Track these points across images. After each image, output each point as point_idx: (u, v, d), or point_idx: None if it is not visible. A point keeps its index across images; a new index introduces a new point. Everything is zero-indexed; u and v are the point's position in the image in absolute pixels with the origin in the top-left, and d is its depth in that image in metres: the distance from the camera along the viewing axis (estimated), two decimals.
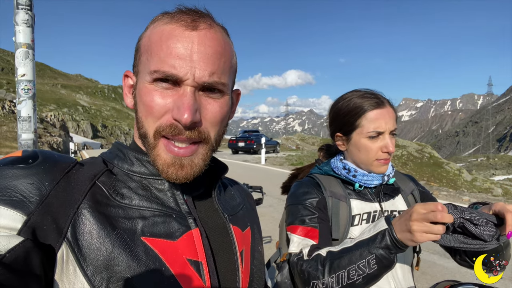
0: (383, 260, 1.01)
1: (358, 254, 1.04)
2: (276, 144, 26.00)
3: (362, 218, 1.26)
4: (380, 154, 1.22)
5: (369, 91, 1.28)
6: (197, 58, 0.62)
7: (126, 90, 0.72)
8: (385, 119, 1.21)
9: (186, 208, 0.69)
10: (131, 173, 0.69)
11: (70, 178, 0.61)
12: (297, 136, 40.49)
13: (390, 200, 1.32)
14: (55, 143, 21.04)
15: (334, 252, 1.10)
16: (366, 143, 1.22)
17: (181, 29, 0.63)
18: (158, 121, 0.64)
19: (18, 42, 2.56)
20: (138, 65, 0.68)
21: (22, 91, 2.59)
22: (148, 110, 0.64)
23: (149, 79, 0.64)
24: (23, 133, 2.57)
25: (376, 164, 1.23)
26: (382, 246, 1.01)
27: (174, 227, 0.65)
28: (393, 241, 1.00)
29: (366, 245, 1.04)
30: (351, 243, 1.09)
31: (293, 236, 1.23)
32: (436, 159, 25.49)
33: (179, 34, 0.63)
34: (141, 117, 0.67)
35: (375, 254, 1.02)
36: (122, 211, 0.63)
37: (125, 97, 0.72)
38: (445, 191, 11.06)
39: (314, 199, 1.26)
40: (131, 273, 0.58)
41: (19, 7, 2.51)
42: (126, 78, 0.72)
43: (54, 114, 29.30)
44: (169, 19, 0.65)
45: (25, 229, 0.53)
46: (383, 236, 1.02)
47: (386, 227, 1.03)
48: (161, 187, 0.69)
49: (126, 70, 0.72)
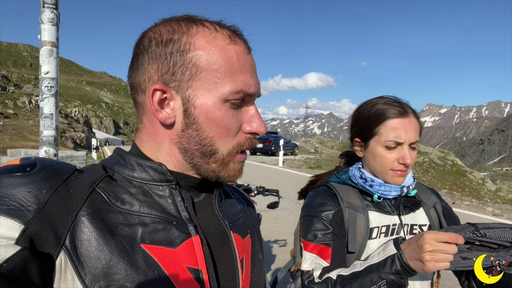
0: (393, 285, 0.99)
1: (369, 280, 1.02)
2: (295, 146, 25.91)
3: (380, 231, 1.22)
4: (396, 165, 1.16)
5: (395, 99, 1.23)
6: (255, 75, 0.71)
7: (157, 105, 0.67)
8: (406, 130, 1.15)
9: (186, 215, 0.68)
10: (132, 179, 0.68)
11: (68, 186, 0.60)
12: (316, 139, 40.27)
13: (411, 213, 1.27)
14: (78, 138, 21.59)
15: (345, 276, 1.08)
16: (382, 152, 1.17)
17: (245, 51, 0.70)
18: (234, 140, 0.69)
19: (43, 40, 2.61)
20: (192, 81, 0.66)
21: (45, 88, 2.63)
22: (225, 131, 0.68)
23: (224, 99, 0.66)
24: (44, 130, 2.62)
25: (391, 174, 1.18)
26: (392, 272, 0.99)
27: (174, 234, 0.65)
28: (403, 266, 0.98)
29: (376, 270, 1.02)
30: (361, 267, 1.06)
31: (305, 253, 1.20)
32: (459, 167, 24.87)
33: (245, 56, 0.69)
34: (212, 137, 0.68)
35: (385, 280, 1.00)
36: (122, 217, 0.62)
37: (158, 112, 0.67)
38: (467, 201, 10.74)
39: (330, 212, 1.22)
40: (130, 282, 0.58)
41: (45, 6, 2.56)
42: (156, 92, 0.67)
43: (78, 110, 30.11)
44: (229, 40, 0.68)
45: (23, 238, 0.52)
46: (393, 261, 1.00)
47: (395, 252, 1.01)
48: (161, 193, 0.68)
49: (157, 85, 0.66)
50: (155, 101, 0.67)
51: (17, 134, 18.45)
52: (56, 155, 2.60)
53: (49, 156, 2.53)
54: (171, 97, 0.67)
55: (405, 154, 1.14)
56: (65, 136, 20.52)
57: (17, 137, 18.05)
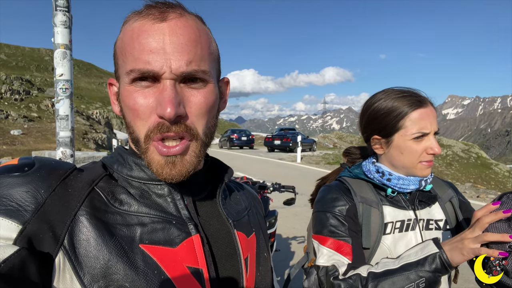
0: (432, 283, 0.99)
1: (405, 277, 1.00)
2: (313, 142, 25.73)
3: (395, 227, 1.18)
4: (425, 156, 1.14)
5: (407, 90, 1.20)
6: (171, 49, 0.60)
7: (113, 98, 0.71)
8: (430, 119, 1.14)
9: (186, 213, 0.67)
10: (130, 179, 0.68)
11: (67, 185, 0.60)
12: (334, 134, 39.88)
13: (426, 208, 1.23)
14: (100, 139, 22.07)
15: (377, 273, 1.05)
16: (411, 145, 1.14)
17: (150, 23, 0.61)
18: (146, 124, 0.62)
19: (56, 43, 2.66)
20: (118, 69, 0.67)
21: (60, 90, 2.69)
22: (134, 113, 0.62)
23: (128, 81, 0.62)
24: (61, 131, 2.67)
25: (420, 167, 1.16)
26: (432, 270, 0.99)
27: (174, 234, 0.64)
28: (443, 265, 0.98)
29: (415, 268, 1.01)
30: (396, 265, 1.04)
31: (322, 248, 1.17)
32: (484, 160, 24.20)
33: (149, 28, 0.60)
34: (130, 122, 0.64)
35: (425, 277, 0.99)
36: (121, 217, 0.62)
37: (113, 105, 0.71)
38: (493, 194, 10.42)
39: (344, 207, 1.19)
40: (129, 282, 0.57)
41: (57, 9, 2.61)
42: (111, 86, 0.71)
43: (99, 112, 30.80)
44: (137, 15, 0.63)
45: (21, 238, 0.52)
46: (434, 259, 0.99)
47: (437, 250, 1.00)
48: (160, 192, 0.68)
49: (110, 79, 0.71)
50: (111, 94, 0.70)
51: (41, 137, 19.02)
52: (72, 155, 2.65)
53: (65, 157, 2.59)
54: (118, 89, 0.69)
55: (433, 143, 1.14)
56: (87, 137, 21.02)
57: (41, 139, 18.62)
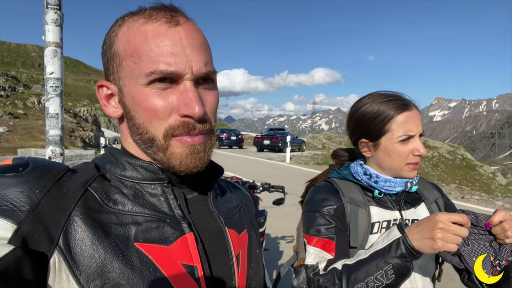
0: (400, 269, 1.01)
1: (375, 265, 1.03)
2: (302, 142, 25.83)
3: (381, 226, 1.22)
4: (411, 158, 1.18)
5: (392, 93, 1.24)
6: (190, 52, 0.64)
7: (104, 101, 0.71)
8: (415, 122, 1.17)
9: (179, 212, 0.68)
10: (124, 178, 0.69)
11: (61, 186, 0.61)
12: (323, 134, 40.09)
13: (411, 209, 1.27)
14: (87, 137, 21.79)
15: (350, 264, 1.09)
16: (398, 147, 1.18)
17: (165, 27, 0.63)
18: (165, 123, 0.64)
19: (47, 41, 2.63)
20: (119, 71, 0.67)
21: (51, 88, 2.66)
22: (153, 114, 0.64)
23: (145, 82, 0.63)
24: (50, 129, 2.64)
25: (407, 169, 1.19)
26: (397, 255, 1.01)
27: (168, 232, 0.65)
28: (408, 249, 1.00)
29: (382, 255, 1.03)
30: (366, 255, 1.07)
31: (309, 248, 1.21)
32: (469, 161, 24.60)
33: (165, 32, 0.63)
34: (143, 123, 0.66)
35: (391, 264, 1.01)
36: (115, 217, 0.63)
37: (106, 108, 0.71)
38: (477, 195, 10.61)
39: (332, 207, 1.22)
40: (125, 280, 0.58)
41: (48, 7, 2.59)
42: (101, 88, 0.70)
43: (87, 109, 30.38)
44: (146, 18, 0.64)
45: (16, 238, 0.53)
46: (398, 245, 1.02)
47: (400, 235, 1.03)
48: (154, 192, 0.69)
49: (101, 81, 0.71)
50: (102, 97, 0.70)
51: (27, 134, 18.69)
52: (62, 154, 2.63)
53: (55, 156, 2.57)
54: (114, 91, 0.69)
55: (419, 145, 1.17)
56: (74, 135, 20.72)
57: (27, 136, 18.30)
